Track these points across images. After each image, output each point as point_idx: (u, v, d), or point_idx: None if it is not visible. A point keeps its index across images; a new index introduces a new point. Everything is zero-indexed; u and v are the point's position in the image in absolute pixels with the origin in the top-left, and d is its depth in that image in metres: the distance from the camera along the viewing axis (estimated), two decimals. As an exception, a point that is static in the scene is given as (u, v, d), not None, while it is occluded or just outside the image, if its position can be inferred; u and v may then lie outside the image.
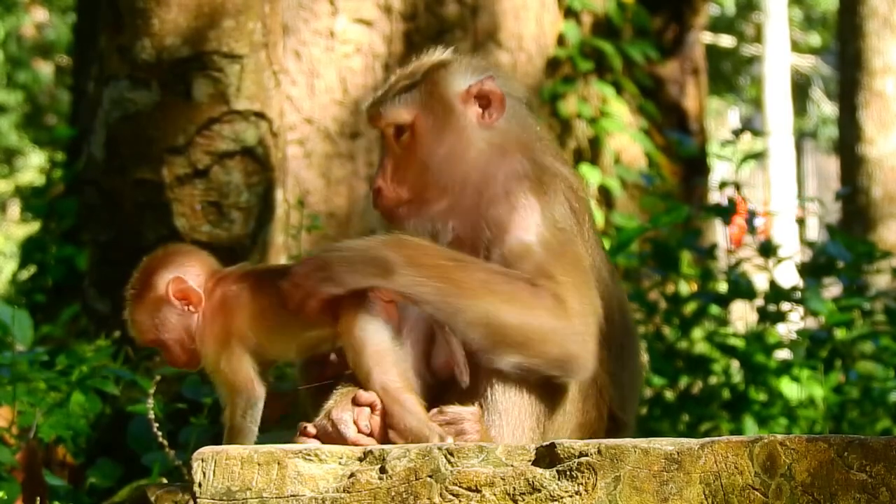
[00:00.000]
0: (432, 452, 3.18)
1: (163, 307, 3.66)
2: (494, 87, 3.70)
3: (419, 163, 3.67)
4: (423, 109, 3.68)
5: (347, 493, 3.17)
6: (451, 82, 3.71)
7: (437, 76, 3.72)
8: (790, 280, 7.36)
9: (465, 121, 3.68)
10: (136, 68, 5.70)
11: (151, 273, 3.70)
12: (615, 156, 8.98)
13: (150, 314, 3.67)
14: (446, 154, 3.66)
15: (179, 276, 3.66)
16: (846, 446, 3.13)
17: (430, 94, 3.70)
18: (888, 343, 7.03)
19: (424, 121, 3.68)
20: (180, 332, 3.66)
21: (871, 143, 13.53)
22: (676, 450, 3.13)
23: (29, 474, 4.50)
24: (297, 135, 8.28)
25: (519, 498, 3.13)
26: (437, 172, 3.65)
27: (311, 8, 8.45)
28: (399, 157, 3.70)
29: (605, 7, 9.09)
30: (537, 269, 3.53)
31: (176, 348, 3.67)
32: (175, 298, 3.65)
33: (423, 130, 3.67)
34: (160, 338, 3.67)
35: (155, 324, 3.66)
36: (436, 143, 3.67)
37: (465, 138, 3.67)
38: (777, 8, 23.70)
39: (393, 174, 3.69)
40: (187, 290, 3.66)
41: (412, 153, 3.67)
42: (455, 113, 3.68)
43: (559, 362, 3.51)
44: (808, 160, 27.22)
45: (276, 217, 5.87)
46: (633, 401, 3.83)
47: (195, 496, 3.21)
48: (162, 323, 3.66)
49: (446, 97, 3.69)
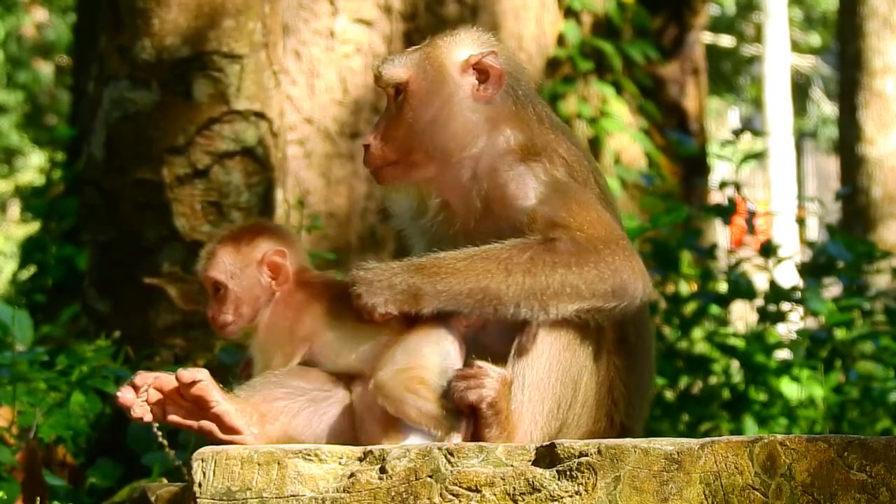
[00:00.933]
0: (432, 452, 3.18)
1: (251, 265, 3.61)
2: (495, 62, 3.70)
3: (407, 124, 3.68)
4: (419, 71, 3.70)
5: (347, 493, 3.17)
6: (451, 50, 3.72)
7: (440, 42, 3.74)
8: (790, 280, 7.36)
9: (457, 89, 3.69)
10: (136, 68, 5.70)
11: (261, 232, 3.66)
12: (615, 156, 8.98)
13: (235, 261, 3.61)
14: (433, 118, 3.67)
15: (283, 250, 3.62)
16: (846, 446, 3.13)
17: (427, 58, 3.71)
18: (888, 343, 7.03)
19: (418, 83, 3.69)
20: (245, 296, 3.61)
21: (871, 143, 13.53)
22: (676, 450, 3.13)
23: (29, 474, 4.50)
24: (297, 135, 8.28)
25: (519, 498, 3.13)
26: (423, 136, 3.67)
27: (311, 8, 8.45)
28: (392, 117, 3.72)
29: (605, 7, 9.09)
30: (547, 225, 3.54)
31: (229, 305, 3.61)
32: (267, 266, 3.61)
33: (415, 92, 3.69)
34: (224, 285, 3.60)
35: (231, 271, 3.60)
36: (425, 106, 3.68)
37: (454, 106, 3.68)
38: (777, 8, 23.69)
39: (384, 133, 3.70)
40: (283, 267, 3.62)
41: (403, 114, 3.69)
42: (449, 80, 3.69)
43: (613, 293, 3.52)
44: (808, 160, 27.22)
45: (276, 217, 5.86)
46: (641, 408, 3.80)
47: (195, 496, 3.21)
48: (238, 275, 3.61)
49: (443, 63, 3.70)
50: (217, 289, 3.62)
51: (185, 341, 5.67)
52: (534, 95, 3.79)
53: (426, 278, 3.49)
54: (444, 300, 3.48)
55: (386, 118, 3.73)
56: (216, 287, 3.63)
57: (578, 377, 3.55)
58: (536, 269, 3.48)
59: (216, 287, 3.63)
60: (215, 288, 3.63)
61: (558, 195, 3.59)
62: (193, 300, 5.74)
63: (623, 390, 3.66)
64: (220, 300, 3.63)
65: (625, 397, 3.67)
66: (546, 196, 3.59)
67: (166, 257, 5.72)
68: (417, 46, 3.77)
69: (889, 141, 13.52)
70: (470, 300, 3.48)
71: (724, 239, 7.76)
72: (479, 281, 3.48)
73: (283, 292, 3.62)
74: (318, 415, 3.55)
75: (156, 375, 3.54)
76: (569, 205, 3.57)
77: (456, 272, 3.49)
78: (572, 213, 3.56)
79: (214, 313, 3.64)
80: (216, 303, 3.64)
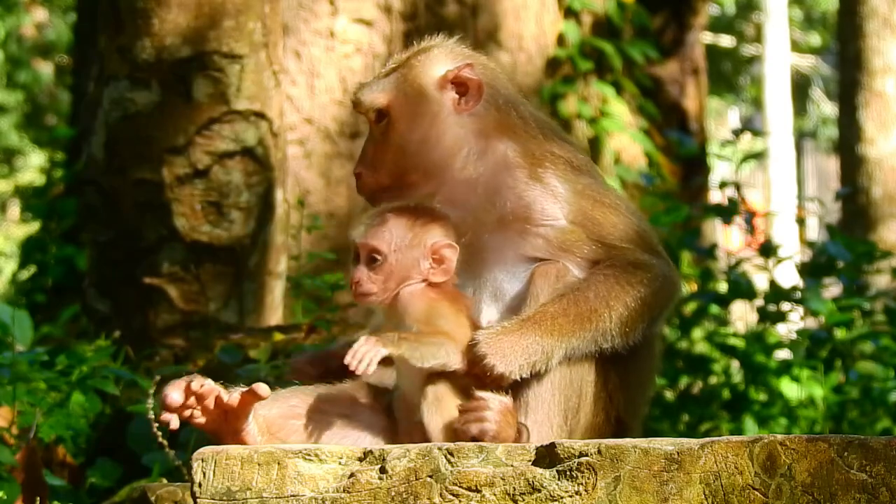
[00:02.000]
0: (432, 452, 3.18)
1: (418, 247, 3.56)
2: (472, 74, 3.70)
3: (396, 147, 3.68)
4: (399, 94, 3.69)
5: (347, 493, 3.17)
6: (427, 68, 3.71)
7: (415, 61, 3.73)
8: (790, 280, 7.36)
9: (439, 107, 3.68)
10: (136, 68, 5.70)
11: (437, 219, 3.62)
12: (615, 156, 8.98)
13: (404, 237, 3.56)
14: (421, 139, 3.67)
15: (455, 245, 3.58)
16: (846, 446, 3.13)
17: (405, 79, 3.70)
18: (888, 343, 7.03)
19: (399, 105, 3.69)
20: (399, 273, 3.54)
21: (871, 143, 13.53)
22: (676, 450, 3.13)
23: (29, 474, 4.49)
24: (297, 135, 8.28)
25: (519, 498, 3.13)
26: (415, 157, 3.66)
27: (311, 8, 8.45)
28: (378, 141, 3.71)
29: (605, 7, 9.09)
30: (588, 243, 3.58)
31: (380, 276, 3.53)
32: (433, 252, 3.57)
33: (398, 115, 3.68)
34: (385, 255, 3.53)
35: (394, 246, 3.54)
36: (410, 127, 3.68)
37: (440, 124, 3.68)
38: (777, 8, 23.69)
39: (372, 159, 3.70)
40: (448, 261, 3.57)
41: (389, 138, 3.69)
42: (429, 98, 3.69)
43: (670, 299, 3.63)
44: (808, 160, 27.22)
45: (276, 217, 5.87)
46: (640, 405, 3.80)
47: (195, 496, 3.21)
48: (402, 251, 3.55)
49: (421, 82, 3.69)
50: (374, 258, 3.54)
51: (185, 341, 5.67)
52: (515, 99, 3.81)
53: (550, 336, 3.49)
54: (570, 353, 3.51)
55: (371, 144, 3.72)
56: (373, 255, 3.55)
57: (582, 384, 3.56)
58: (627, 297, 3.53)
59: (373, 255, 3.55)
60: (372, 256, 3.55)
61: (583, 207, 3.63)
62: (193, 300, 5.74)
63: (617, 381, 3.66)
64: (373, 269, 3.54)
65: (619, 391, 3.67)
66: (573, 212, 3.62)
67: (166, 257, 5.72)
68: (391, 66, 3.75)
69: (889, 141, 13.52)
70: (588, 345, 3.53)
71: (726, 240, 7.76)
72: (592, 324, 3.51)
73: (436, 285, 3.57)
74: (332, 438, 3.53)
75: (213, 390, 3.48)
76: (598, 217, 3.62)
77: (567, 321, 3.50)
78: (606, 227, 3.61)
79: (361, 279, 3.54)
80: (367, 270, 3.54)
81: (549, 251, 3.60)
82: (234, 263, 5.78)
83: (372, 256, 3.54)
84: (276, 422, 3.53)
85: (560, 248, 3.60)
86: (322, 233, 7.73)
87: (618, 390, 3.65)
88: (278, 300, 5.95)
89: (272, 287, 5.89)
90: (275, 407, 3.54)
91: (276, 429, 3.53)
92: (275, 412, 3.54)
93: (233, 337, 5.43)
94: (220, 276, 5.76)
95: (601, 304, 3.51)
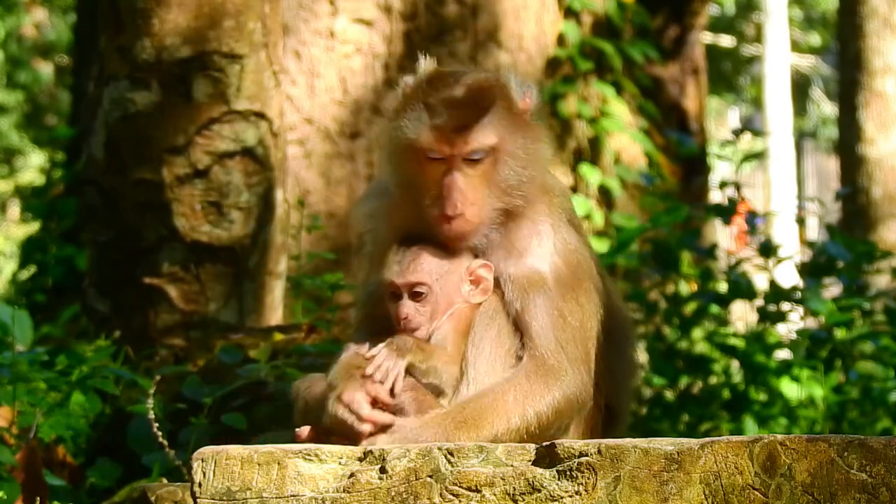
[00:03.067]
0: (432, 452, 3.18)
1: (454, 272, 3.63)
2: (532, 92, 3.73)
3: (500, 184, 3.63)
4: (505, 130, 3.64)
5: (347, 493, 3.17)
6: (513, 91, 3.68)
7: (506, 93, 3.67)
8: (790, 280, 7.36)
9: (538, 133, 3.70)
10: (136, 68, 5.70)
11: (459, 246, 3.67)
12: (615, 156, 8.98)
13: (440, 266, 3.62)
14: (531, 171, 3.66)
15: (490, 265, 3.64)
16: (846, 446, 3.13)
17: (507, 111, 3.65)
18: (888, 343, 7.03)
19: (510, 141, 3.64)
20: (444, 300, 3.63)
21: (871, 143, 13.53)
22: (676, 450, 3.13)
23: (29, 474, 4.49)
24: (297, 135, 8.29)
25: (519, 498, 3.13)
26: (518, 190, 3.64)
27: (311, 8, 8.45)
28: (476, 181, 3.62)
29: (605, 7, 9.09)
30: (539, 338, 3.59)
31: (428, 307, 3.62)
32: (470, 275, 3.63)
33: (508, 152, 3.63)
34: (427, 287, 3.61)
35: (436, 276, 3.62)
36: (521, 161, 3.64)
37: (540, 151, 3.70)
38: (777, 8, 23.70)
39: (473, 198, 3.61)
40: (486, 280, 3.64)
41: (494, 176, 3.62)
42: (532, 129, 3.69)
43: (577, 414, 3.64)
44: (808, 160, 27.21)
45: (276, 217, 5.87)
46: (627, 391, 3.90)
47: (195, 496, 3.21)
48: (442, 280, 3.62)
49: (522, 115, 3.68)
50: (418, 292, 3.62)
51: (185, 341, 5.67)
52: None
53: (444, 435, 3.54)
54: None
55: (464, 183, 3.60)
56: (417, 290, 3.62)
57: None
58: (530, 411, 3.56)
59: (417, 290, 3.62)
60: (416, 291, 3.62)
61: (569, 274, 3.67)
62: (193, 300, 5.74)
63: (604, 369, 3.73)
64: (419, 301, 3.63)
65: (606, 378, 3.74)
66: (558, 272, 3.65)
67: (166, 257, 5.72)
68: (471, 100, 3.62)
69: (889, 141, 13.52)
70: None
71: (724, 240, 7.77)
72: (485, 431, 3.52)
73: (469, 306, 3.65)
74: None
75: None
76: (571, 293, 3.65)
77: (464, 425, 3.53)
78: (569, 310, 3.64)
79: (410, 314, 3.62)
80: (413, 304, 3.63)
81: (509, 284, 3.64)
82: (234, 263, 5.78)
83: (416, 291, 3.61)
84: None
85: (516, 286, 3.62)
86: (322, 233, 7.73)
87: (604, 376, 3.73)
88: (278, 300, 5.95)
89: (272, 287, 5.89)
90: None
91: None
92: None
93: (233, 337, 5.43)
94: (220, 276, 5.77)
95: (501, 416, 3.52)
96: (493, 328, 3.60)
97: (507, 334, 3.60)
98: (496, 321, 3.61)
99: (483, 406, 3.51)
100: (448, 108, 3.59)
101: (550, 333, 3.58)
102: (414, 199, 3.65)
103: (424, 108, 3.60)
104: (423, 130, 3.59)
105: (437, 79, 3.66)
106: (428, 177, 3.61)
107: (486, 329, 3.61)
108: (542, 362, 3.56)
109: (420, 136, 3.59)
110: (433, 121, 3.58)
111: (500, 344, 3.60)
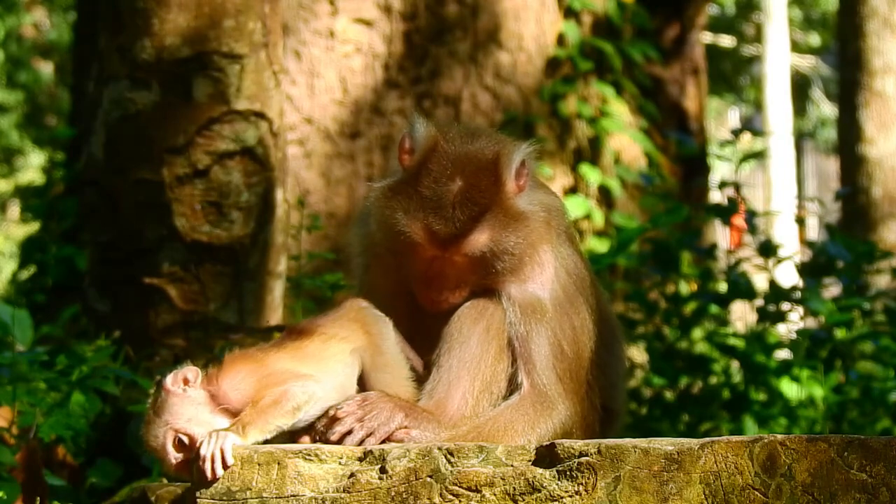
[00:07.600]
0: (432, 452, 3.18)
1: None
2: (528, 162, 3.77)
3: (491, 268, 3.71)
4: (499, 226, 3.70)
5: (347, 493, 3.17)
6: (508, 182, 3.72)
7: (501, 192, 3.70)
8: (790, 280, 7.36)
9: (524, 207, 3.75)
10: (136, 68, 5.70)
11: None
12: (615, 156, 8.98)
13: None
14: (514, 247, 3.72)
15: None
16: (846, 446, 3.13)
17: (500, 207, 3.70)
18: (888, 343, 7.03)
19: (503, 236, 3.70)
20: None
21: (871, 143, 13.53)
22: (676, 450, 3.13)
23: (29, 474, 4.49)
24: (297, 135, 8.29)
25: (519, 498, 3.13)
26: (502, 261, 3.71)
27: (311, 8, 8.45)
28: (465, 269, 3.72)
29: (605, 7, 9.09)
30: (537, 366, 3.71)
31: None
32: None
33: (497, 242, 3.70)
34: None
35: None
36: (509, 245, 3.72)
37: (529, 224, 3.75)
38: (777, 8, 23.68)
39: (458, 282, 3.72)
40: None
41: (485, 262, 3.71)
42: (519, 211, 3.73)
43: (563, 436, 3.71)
44: (808, 160, 27.21)
45: (276, 217, 5.87)
46: (622, 390, 4.01)
47: (195, 496, 3.21)
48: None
49: (511, 204, 3.72)
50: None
51: (185, 341, 5.67)
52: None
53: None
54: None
55: (446, 273, 3.70)
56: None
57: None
58: (526, 434, 3.67)
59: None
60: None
61: (565, 299, 3.82)
62: (193, 300, 5.74)
63: (597, 371, 3.83)
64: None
65: (601, 378, 3.83)
66: (556, 298, 3.80)
67: (166, 257, 5.72)
68: (467, 200, 3.66)
69: (889, 141, 13.52)
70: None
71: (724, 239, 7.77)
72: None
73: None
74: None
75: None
76: (567, 320, 3.79)
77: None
78: (566, 337, 3.77)
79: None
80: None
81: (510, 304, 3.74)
82: (234, 263, 5.78)
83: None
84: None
85: (520, 310, 3.72)
86: (322, 233, 7.73)
87: (597, 377, 3.83)
88: (278, 300, 5.95)
89: (272, 287, 5.89)
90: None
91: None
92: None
93: (233, 337, 5.43)
94: (220, 276, 5.76)
95: (512, 440, 3.62)
96: (480, 324, 3.70)
97: (496, 334, 3.70)
98: (483, 321, 3.71)
99: (497, 429, 3.61)
100: (443, 208, 3.63)
101: (551, 363, 3.70)
102: (401, 264, 3.73)
103: (419, 200, 3.64)
104: (416, 228, 3.64)
105: (436, 160, 3.68)
106: (417, 258, 3.69)
107: (473, 324, 3.70)
108: (542, 393, 3.68)
109: (413, 232, 3.65)
110: (427, 221, 3.64)
111: (486, 341, 3.69)
